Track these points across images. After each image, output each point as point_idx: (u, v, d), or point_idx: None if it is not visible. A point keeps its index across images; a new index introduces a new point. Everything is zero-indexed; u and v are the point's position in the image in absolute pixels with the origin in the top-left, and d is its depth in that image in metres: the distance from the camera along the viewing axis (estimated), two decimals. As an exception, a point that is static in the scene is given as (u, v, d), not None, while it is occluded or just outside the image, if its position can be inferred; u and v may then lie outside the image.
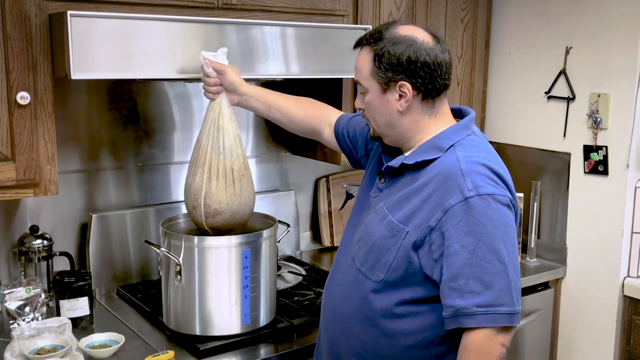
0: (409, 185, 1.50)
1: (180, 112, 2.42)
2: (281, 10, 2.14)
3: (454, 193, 1.41)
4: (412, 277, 1.47)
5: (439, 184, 1.44)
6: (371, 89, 1.53)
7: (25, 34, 1.73)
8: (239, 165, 1.87)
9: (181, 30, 1.83)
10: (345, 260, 1.62)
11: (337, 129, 1.89)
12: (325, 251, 2.85)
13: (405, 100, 1.49)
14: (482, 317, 1.37)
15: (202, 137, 1.86)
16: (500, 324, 1.38)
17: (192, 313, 1.89)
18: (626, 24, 2.40)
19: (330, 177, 2.83)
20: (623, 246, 2.48)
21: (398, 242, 1.46)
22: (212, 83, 1.84)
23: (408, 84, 1.48)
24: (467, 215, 1.39)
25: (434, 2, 2.57)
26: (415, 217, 1.45)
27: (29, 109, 1.77)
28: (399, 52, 1.46)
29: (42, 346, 1.78)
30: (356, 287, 1.55)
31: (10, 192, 1.80)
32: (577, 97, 2.58)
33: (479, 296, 1.37)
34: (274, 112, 1.92)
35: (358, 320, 1.54)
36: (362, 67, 1.54)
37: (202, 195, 1.84)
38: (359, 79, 1.56)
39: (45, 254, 2.10)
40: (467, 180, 1.41)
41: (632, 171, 2.46)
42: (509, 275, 1.39)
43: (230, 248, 1.87)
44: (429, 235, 1.43)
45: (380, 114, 1.54)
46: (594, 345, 2.60)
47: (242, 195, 1.88)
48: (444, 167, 1.46)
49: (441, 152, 1.49)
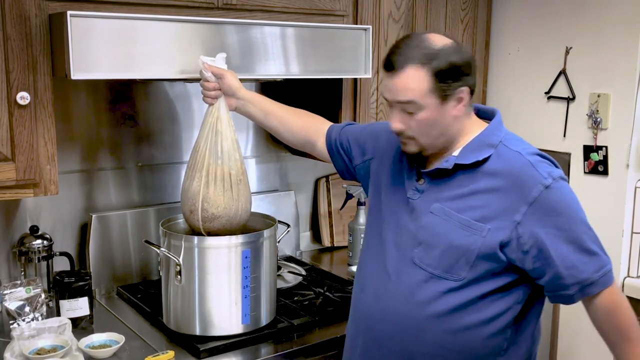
0: (469, 184, 1.52)
1: (180, 112, 2.42)
2: (281, 11, 2.14)
3: (533, 184, 1.46)
4: (495, 270, 1.50)
5: (512, 179, 1.48)
6: (429, 105, 1.49)
7: (25, 34, 1.73)
8: (236, 170, 1.87)
9: (181, 30, 1.83)
10: (396, 266, 1.58)
11: (329, 138, 1.88)
12: (325, 251, 2.85)
13: (463, 104, 1.52)
14: (602, 279, 1.49)
15: (200, 142, 1.86)
16: (612, 280, 1.51)
17: (192, 313, 1.89)
18: (626, 24, 2.40)
19: (330, 177, 2.83)
20: (623, 246, 2.48)
21: (478, 240, 1.48)
22: (211, 87, 1.85)
23: (466, 88, 1.51)
24: (552, 201, 1.46)
25: (434, 2, 2.57)
26: (494, 214, 1.48)
27: (28, 109, 1.77)
28: (457, 60, 1.49)
29: (42, 346, 1.78)
30: (427, 290, 1.53)
31: (10, 192, 1.80)
32: (577, 97, 2.58)
33: (592, 264, 1.48)
34: (271, 119, 1.92)
35: (434, 322, 1.52)
36: (417, 86, 1.48)
37: (199, 199, 1.84)
38: (412, 99, 1.49)
39: (45, 254, 2.09)
40: (539, 170, 1.48)
41: (632, 171, 2.46)
42: (597, 238, 1.52)
43: (230, 248, 1.87)
44: (515, 230, 1.47)
45: (436, 125, 1.52)
46: (594, 346, 2.59)
47: (240, 200, 1.88)
48: (508, 163, 1.51)
49: (493, 148, 1.53)
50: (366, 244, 1.71)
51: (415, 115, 1.51)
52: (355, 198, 2.67)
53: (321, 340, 1.97)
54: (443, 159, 1.56)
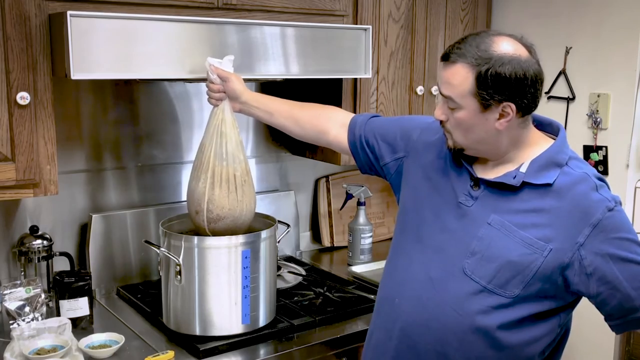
0: (533, 200, 1.47)
1: (180, 112, 2.42)
2: (281, 11, 2.14)
3: (598, 207, 1.43)
4: (547, 292, 1.47)
5: (578, 200, 1.44)
6: (467, 107, 1.45)
7: (25, 34, 1.73)
8: (241, 172, 1.88)
9: (181, 30, 1.83)
10: (442, 273, 1.52)
11: (352, 132, 1.81)
12: (325, 251, 2.84)
13: (507, 120, 1.45)
14: None
15: (205, 143, 1.87)
16: None
17: (192, 313, 1.89)
18: (626, 24, 2.40)
19: (330, 177, 2.83)
20: (623, 246, 2.48)
21: (539, 260, 1.44)
22: (216, 90, 1.85)
23: (513, 105, 1.43)
24: (615, 224, 1.44)
25: (434, 2, 2.57)
26: (556, 234, 1.44)
27: (28, 109, 1.76)
28: (507, 73, 1.40)
29: (42, 346, 1.78)
30: (477, 302, 1.47)
31: (10, 192, 1.80)
32: (577, 97, 2.58)
33: None
34: (277, 118, 1.90)
35: (480, 336, 1.48)
36: (459, 85, 1.44)
37: (205, 200, 1.85)
38: (451, 95, 1.46)
39: (45, 254, 2.09)
40: (604, 194, 1.45)
41: (632, 171, 2.46)
42: None
43: (230, 248, 1.87)
44: (577, 251, 1.43)
45: (474, 131, 1.48)
46: (594, 345, 2.59)
47: (244, 201, 1.89)
48: (574, 184, 1.46)
49: (559, 168, 1.47)
50: (400, 245, 1.64)
51: (455, 112, 1.48)
52: (355, 198, 2.67)
53: (321, 340, 1.97)
54: (508, 171, 1.50)
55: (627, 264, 1.43)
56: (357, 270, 2.55)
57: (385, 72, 2.46)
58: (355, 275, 2.50)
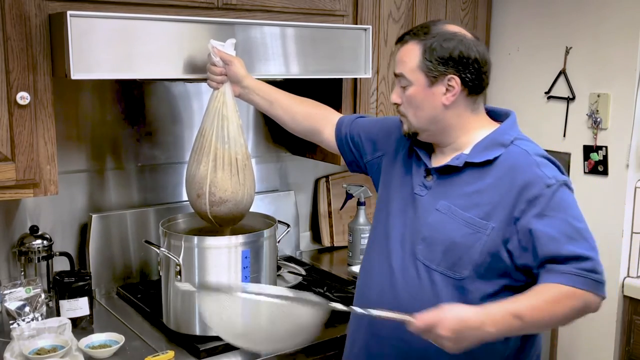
0: (477, 181, 1.52)
1: (180, 112, 2.42)
2: (281, 10, 2.14)
3: (535, 184, 1.46)
4: (498, 270, 1.50)
5: (516, 177, 1.48)
6: (416, 82, 1.54)
7: (25, 34, 1.73)
8: (242, 155, 1.87)
9: (181, 30, 1.83)
10: (401, 262, 1.58)
11: (339, 129, 1.88)
12: (325, 251, 2.84)
13: (452, 94, 1.52)
14: (581, 276, 1.44)
15: (205, 127, 1.86)
16: (595, 289, 1.45)
17: (192, 313, 1.89)
18: (626, 24, 2.40)
19: (330, 177, 2.83)
20: (623, 246, 2.48)
21: (482, 238, 1.48)
22: (218, 72, 1.84)
23: (457, 78, 1.51)
24: (552, 202, 1.45)
25: (434, 2, 2.57)
26: (498, 211, 1.48)
27: (28, 109, 1.76)
28: (451, 46, 1.50)
29: (42, 346, 1.78)
30: (430, 286, 1.53)
31: (10, 192, 1.80)
32: (577, 97, 2.58)
33: (580, 247, 1.45)
34: (275, 108, 1.92)
35: None
36: (409, 60, 1.54)
37: (207, 183, 1.84)
38: (402, 72, 1.56)
39: (45, 254, 2.09)
40: (544, 171, 1.48)
41: (632, 171, 2.46)
42: (594, 244, 1.47)
43: (230, 248, 1.87)
44: (514, 226, 1.46)
45: (423, 107, 1.55)
46: (594, 345, 2.60)
47: (246, 184, 1.88)
48: (516, 162, 1.51)
49: (504, 148, 1.53)
50: (372, 240, 1.71)
51: (406, 91, 1.56)
52: (355, 198, 2.67)
53: (321, 340, 1.97)
54: (453, 156, 1.56)
55: (551, 227, 1.44)
56: (357, 270, 2.54)
57: (385, 72, 2.46)
58: (355, 275, 2.50)
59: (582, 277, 1.41)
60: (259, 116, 2.59)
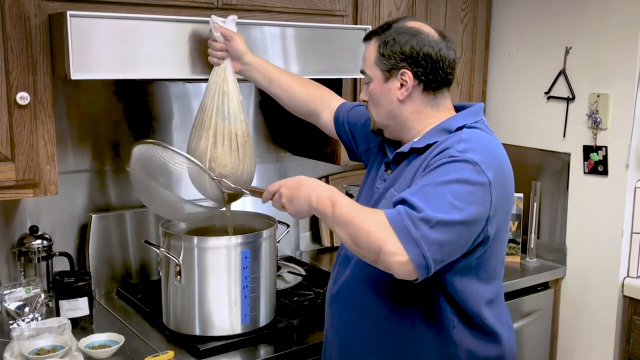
0: (418, 165, 1.52)
1: (180, 112, 2.42)
2: (281, 11, 2.14)
3: (443, 156, 1.44)
4: None
5: (436, 154, 1.47)
6: (374, 77, 1.57)
7: (24, 34, 1.73)
8: (242, 131, 1.86)
9: (181, 30, 1.83)
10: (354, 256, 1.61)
11: (337, 115, 1.89)
12: (325, 251, 2.84)
13: (405, 89, 1.53)
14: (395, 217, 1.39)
15: (206, 102, 1.85)
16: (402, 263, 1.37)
17: (191, 313, 1.89)
18: (626, 24, 2.39)
19: (330, 177, 2.83)
20: (623, 246, 2.48)
21: None
22: (218, 48, 1.84)
23: (409, 72, 1.52)
24: (441, 166, 1.42)
25: (434, 3, 2.57)
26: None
27: (28, 109, 1.76)
28: (403, 40, 1.52)
29: (42, 346, 1.78)
30: (366, 267, 1.53)
31: (10, 192, 1.80)
32: (576, 97, 2.58)
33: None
34: (274, 86, 1.92)
35: (369, 295, 1.58)
36: (368, 56, 1.58)
37: (207, 158, 1.82)
38: (364, 68, 1.60)
39: (44, 254, 2.09)
40: (459, 146, 1.44)
41: (632, 171, 2.46)
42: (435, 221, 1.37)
43: (230, 248, 1.87)
44: None
45: (381, 102, 1.58)
46: (594, 346, 2.60)
47: (245, 161, 1.87)
48: (445, 141, 1.49)
49: (448, 133, 1.52)
50: None
51: (369, 87, 1.59)
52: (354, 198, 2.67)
53: (321, 340, 1.96)
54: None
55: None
56: (357, 270, 2.55)
57: (385, 72, 2.46)
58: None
59: (399, 217, 1.36)
60: (259, 117, 2.60)
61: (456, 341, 1.54)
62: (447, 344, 1.55)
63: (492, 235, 1.48)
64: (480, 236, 1.45)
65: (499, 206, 1.46)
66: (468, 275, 1.52)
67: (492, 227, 1.47)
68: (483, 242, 1.48)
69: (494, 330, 1.59)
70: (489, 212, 1.43)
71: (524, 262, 2.70)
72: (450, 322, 1.54)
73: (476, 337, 1.57)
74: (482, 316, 1.56)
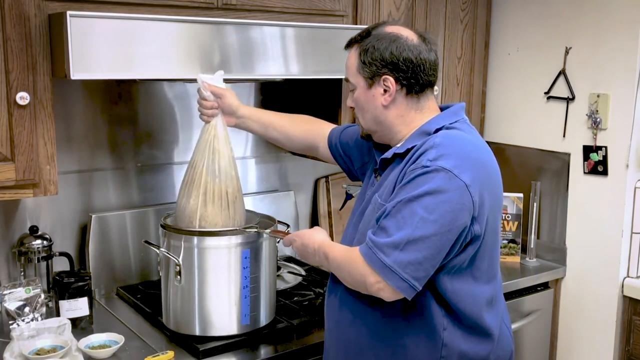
0: (397, 171, 1.53)
1: (180, 112, 2.42)
2: (281, 11, 2.14)
3: (416, 166, 1.45)
4: None
5: (413, 161, 1.48)
6: (358, 85, 1.58)
7: (24, 34, 1.73)
8: (233, 188, 1.88)
9: (181, 30, 1.83)
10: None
11: (330, 140, 1.92)
12: (325, 251, 2.84)
13: (389, 94, 1.54)
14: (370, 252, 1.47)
15: (196, 160, 1.87)
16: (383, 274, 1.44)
17: (191, 313, 1.89)
18: (626, 24, 2.40)
19: (330, 178, 2.83)
20: (623, 246, 2.48)
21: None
22: (209, 106, 1.87)
23: (391, 78, 1.53)
24: (417, 180, 1.43)
25: (434, 3, 2.57)
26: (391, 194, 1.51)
27: (28, 110, 1.76)
28: (382, 47, 1.52)
29: (42, 347, 1.78)
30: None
31: (10, 192, 1.80)
32: (576, 97, 2.58)
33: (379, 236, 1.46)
34: (271, 131, 1.97)
35: (361, 296, 1.58)
36: (351, 65, 1.59)
37: (197, 217, 1.85)
38: (347, 76, 1.61)
39: (44, 255, 2.09)
40: (431, 154, 1.45)
41: (632, 171, 2.46)
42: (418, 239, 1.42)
43: (230, 248, 1.87)
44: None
45: (366, 109, 1.59)
46: (594, 346, 2.60)
47: (236, 218, 1.89)
48: (422, 145, 1.50)
49: (428, 136, 1.53)
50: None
51: (354, 95, 1.61)
52: (355, 198, 2.67)
53: (321, 340, 1.97)
54: None
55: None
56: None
57: (385, 72, 2.46)
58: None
59: (370, 251, 1.45)
60: (259, 116, 2.59)
61: (447, 343, 1.54)
62: (437, 346, 1.54)
63: (482, 233, 1.49)
64: (466, 237, 1.47)
65: (483, 204, 1.47)
66: (462, 276, 1.52)
67: (480, 226, 1.48)
68: (472, 241, 1.49)
69: (490, 331, 1.58)
70: (472, 213, 1.45)
71: (524, 262, 2.70)
72: (440, 324, 1.54)
73: (469, 339, 1.56)
74: (481, 317, 1.56)
